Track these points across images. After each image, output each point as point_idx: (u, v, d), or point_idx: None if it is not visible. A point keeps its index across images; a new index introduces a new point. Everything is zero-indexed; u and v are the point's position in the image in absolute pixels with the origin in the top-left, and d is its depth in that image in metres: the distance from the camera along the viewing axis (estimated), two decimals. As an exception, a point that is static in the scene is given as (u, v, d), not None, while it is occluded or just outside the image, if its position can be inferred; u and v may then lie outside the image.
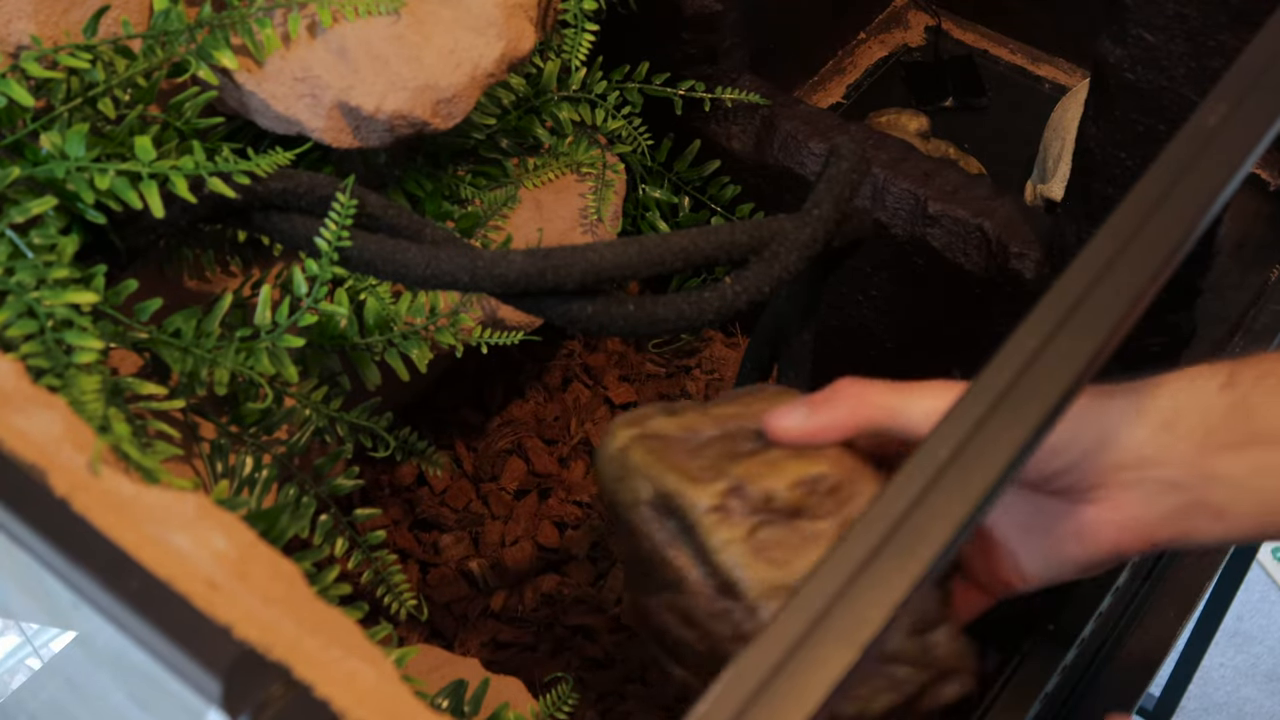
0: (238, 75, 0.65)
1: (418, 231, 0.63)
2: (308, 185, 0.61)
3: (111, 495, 0.42)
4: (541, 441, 0.97)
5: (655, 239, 0.60)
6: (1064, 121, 1.08)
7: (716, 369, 1.01)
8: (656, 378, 1.00)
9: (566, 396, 0.99)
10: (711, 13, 0.88)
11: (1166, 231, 0.39)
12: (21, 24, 0.60)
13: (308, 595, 0.43)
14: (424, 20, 0.67)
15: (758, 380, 0.80)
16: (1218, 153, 0.41)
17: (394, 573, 0.71)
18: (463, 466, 0.96)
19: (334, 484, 0.69)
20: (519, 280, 0.58)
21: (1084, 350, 0.37)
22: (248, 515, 0.57)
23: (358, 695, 0.38)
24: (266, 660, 0.38)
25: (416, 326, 0.70)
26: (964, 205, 0.86)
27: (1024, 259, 0.84)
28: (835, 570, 0.33)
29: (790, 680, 0.31)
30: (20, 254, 0.55)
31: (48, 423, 0.45)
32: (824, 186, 0.65)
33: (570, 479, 0.95)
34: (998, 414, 0.36)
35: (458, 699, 0.64)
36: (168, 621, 0.38)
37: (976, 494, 0.34)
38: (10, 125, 0.58)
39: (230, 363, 0.62)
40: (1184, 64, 0.69)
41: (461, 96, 0.67)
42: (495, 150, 0.82)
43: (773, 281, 0.62)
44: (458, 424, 0.97)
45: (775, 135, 0.92)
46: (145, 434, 0.58)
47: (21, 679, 0.65)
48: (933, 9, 1.29)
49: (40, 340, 0.52)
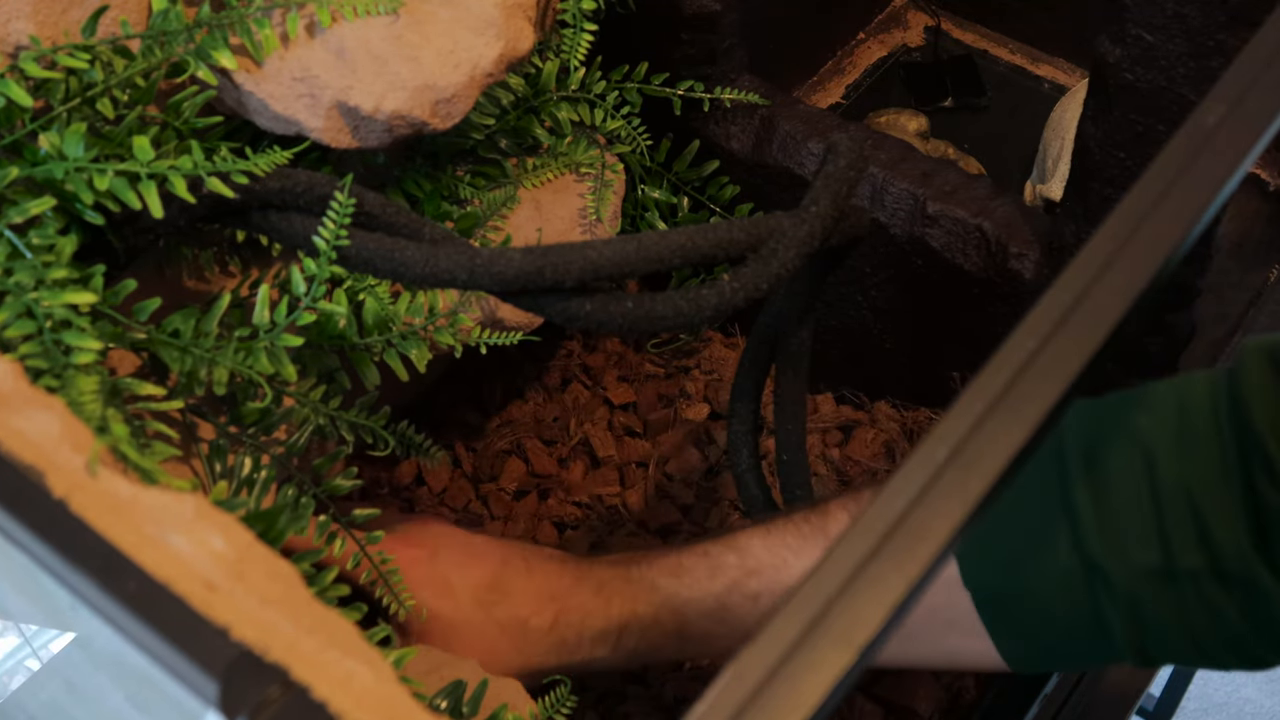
0: (236, 75, 0.65)
1: (416, 230, 0.63)
2: (306, 184, 0.61)
3: (109, 496, 0.42)
4: (541, 442, 0.97)
5: (653, 236, 0.60)
6: (1063, 121, 1.08)
7: (716, 369, 1.00)
8: (656, 378, 1.00)
9: (566, 397, 0.99)
10: (711, 13, 0.88)
11: (1165, 232, 0.39)
12: (20, 24, 0.60)
13: (306, 596, 0.43)
14: (423, 20, 0.67)
15: (757, 379, 0.80)
16: (1216, 153, 0.41)
17: (393, 573, 0.71)
18: (462, 467, 0.96)
19: (332, 484, 0.69)
20: (517, 278, 0.58)
21: (1083, 351, 0.37)
22: (246, 516, 0.57)
23: (356, 696, 0.38)
24: (264, 661, 0.38)
25: (415, 326, 0.70)
26: (963, 205, 0.86)
27: (1023, 259, 0.84)
28: (832, 571, 0.32)
29: (787, 682, 0.30)
30: (19, 254, 0.55)
31: (45, 423, 0.45)
32: (822, 184, 0.65)
33: (569, 479, 0.95)
34: (996, 414, 0.36)
35: (456, 700, 0.64)
36: (165, 622, 0.38)
37: (974, 495, 0.34)
38: (9, 125, 0.58)
39: (229, 362, 0.62)
40: (1183, 64, 0.69)
41: (460, 96, 0.67)
42: (494, 150, 0.82)
43: (771, 279, 0.62)
44: (457, 424, 0.97)
45: (774, 135, 0.92)
46: (143, 434, 0.58)
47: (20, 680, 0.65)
48: (932, 9, 1.29)
49: (38, 341, 0.52)
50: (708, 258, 0.61)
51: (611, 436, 0.97)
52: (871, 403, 0.99)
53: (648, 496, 0.94)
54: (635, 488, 0.94)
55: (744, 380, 0.80)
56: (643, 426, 0.98)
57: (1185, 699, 1.40)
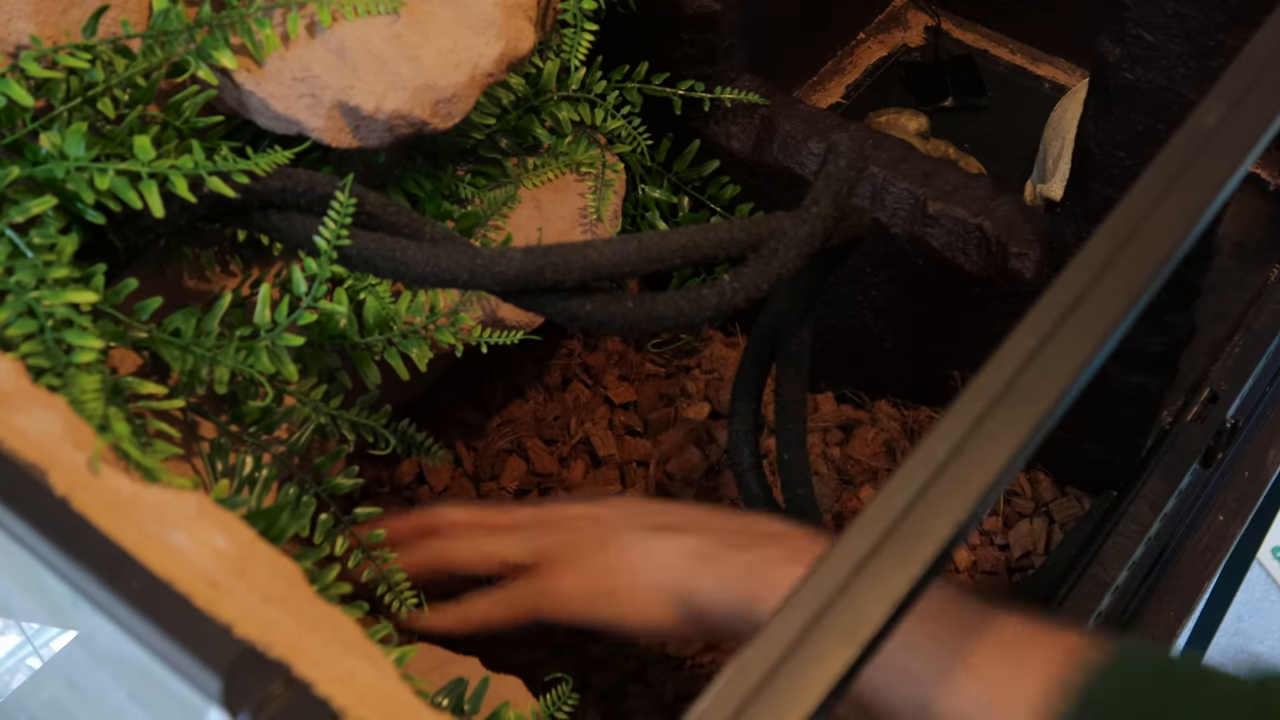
0: (237, 75, 0.65)
1: (417, 230, 0.63)
2: (307, 184, 0.62)
3: (111, 494, 0.42)
4: (541, 441, 0.97)
5: (654, 236, 0.60)
6: (1064, 121, 1.08)
7: (716, 368, 1.01)
8: (656, 377, 1.00)
9: (566, 396, 0.99)
10: (711, 12, 0.88)
11: (1166, 231, 0.39)
12: (21, 24, 0.60)
13: (308, 594, 0.43)
14: (423, 20, 0.67)
15: (757, 378, 0.80)
16: (1217, 152, 0.41)
17: (394, 571, 0.71)
18: (463, 465, 0.96)
19: (333, 483, 0.69)
20: (518, 278, 0.58)
21: (1083, 350, 0.37)
22: (248, 514, 0.57)
23: (358, 693, 0.38)
24: (267, 658, 0.38)
25: (416, 325, 0.70)
26: (963, 205, 0.86)
27: (1023, 259, 0.84)
28: (835, 568, 0.33)
29: (790, 678, 0.31)
30: (20, 253, 0.55)
31: (47, 422, 0.45)
32: (822, 184, 0.65)
33: (570, 478, 0.95)
34: (996, 413, 0.36)
35: (457, 697, 0.64)
36: (168, 620, 0.38)
37: (975, 493, 0.34)
38: (10, 125, 0.58)
39: (230, 361, 0.62)
40: (1183, 63, 0.69)
41: (461, 96, 0.67)
42: (495, 150, 0.83)
43: (771, 279, 0.62)
44: (458, 423, 0.98)
45: (775, 135, 0.92)
46: (145, 433, 0.58)
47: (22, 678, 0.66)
48: (932, 9, 1.29)
49: (40, 339, 0.52)
50: (708, 257, 0.61)
51: (612, 435, 0.97)
52: (872, 402, 0.99)
53: (648, 495, 0.94)
54: (636, 486, 0.94)
55: (745, 379, 0.80)
56: (643, 425, 0.98)
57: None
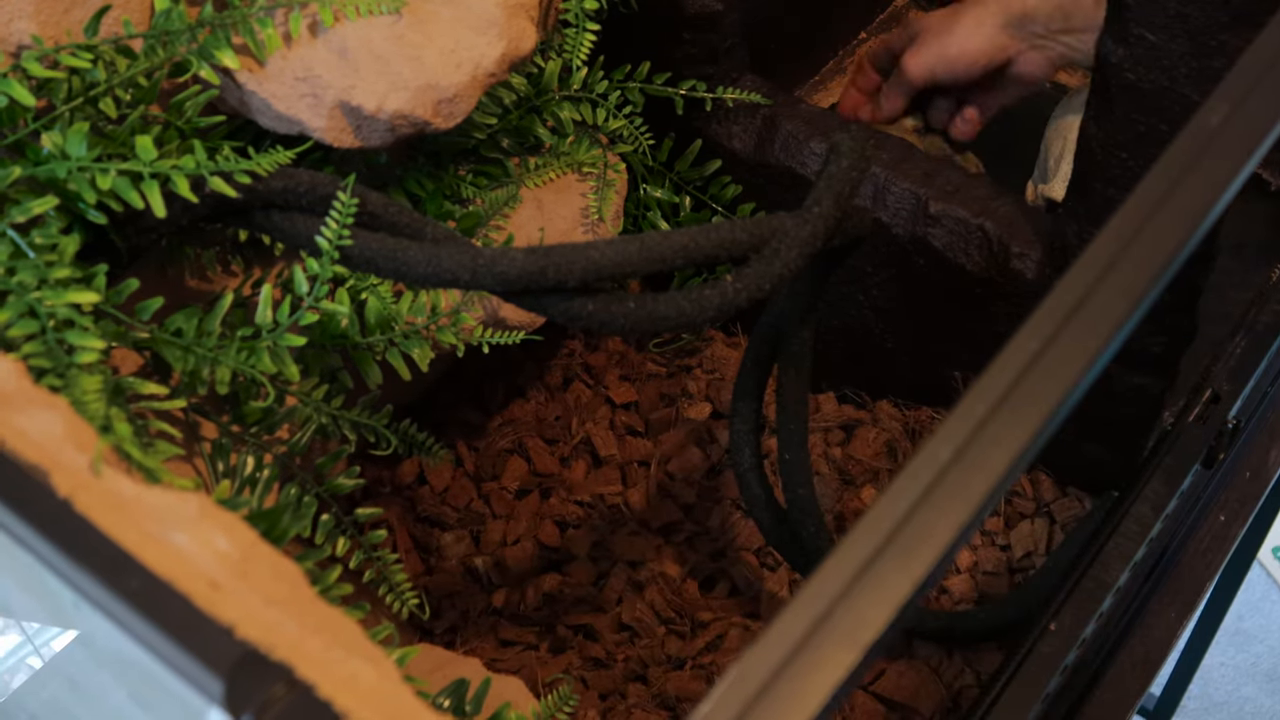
0: (239, 75, 0.65)
1: (419, 230, 0.63)
2: (309, 184, 0.62)
3: (113, 495, 0.42)
4: (543, 441, 0.97)
5: (656, 236, 0.60)
6: (1064, 121, 1.08)
7: (718, 368, 1.01)
8: (658, 377, 1.00)
9: (567, 396, 0.99)
10: (712, 12, 0.88)
11: (1169, 233, 0.39)
12: (23, 24, 0.60)
13: (310, 595, 0.43)
14: (425, 20, 0.67)
15: (759, 378, 0.80)
16: (1220, 153, 0.41)
17: (396, 571, 0.71)
18: (464, 466, 0.96)
19: (335, 483, 0.69)
20: (520, 278, 0.58)
21: (1086, 352, 0.37)
22: (249, 515, 0.57)
23: (360, 695, 0.38)
24: (269, 660, 0.38)
25: (418, 326, 0.70)
26: (965, 205, 0.86)
27: (1025, 259, 0.84)
28: (837, 571, 0.33)
29: (792, 682, 0.31)
30: (21, 254, 0.55)
31: (49, 423, 0.45)
32: (824, 184, 0.65)
33: (571, 478, 0.95)
34: (999, 415, 0.36)
35: (459, 699, 0.64)
36: (170, 621, 0.38)
37: (978, 495, 0.34)
38: (11, 125, 0.58)
39: (231, 362, 0.62)
40: (1185, 64, 0.69)
41: (463, 96, 0.67)
42: (496, 150, 0.83)
43: (773, 279, 0.62)
44: (459, 423, 0.97)
45: (776, 135, 0.92)
46: (147, 434, 0.58)
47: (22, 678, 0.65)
48: (933, 9, 1.29)
49: (41, 340, 0.52)
50: (710, 258, 0.61)
51: (613, 435, 0.97)
52: (873, 402, 0.99)
53: (649, 495, 0.94)
54: (637, 487, 0.94)
55: (746, 379, 0.80)
56: (644, 425, 0.98)
57: (1186, 698, 1.40)
